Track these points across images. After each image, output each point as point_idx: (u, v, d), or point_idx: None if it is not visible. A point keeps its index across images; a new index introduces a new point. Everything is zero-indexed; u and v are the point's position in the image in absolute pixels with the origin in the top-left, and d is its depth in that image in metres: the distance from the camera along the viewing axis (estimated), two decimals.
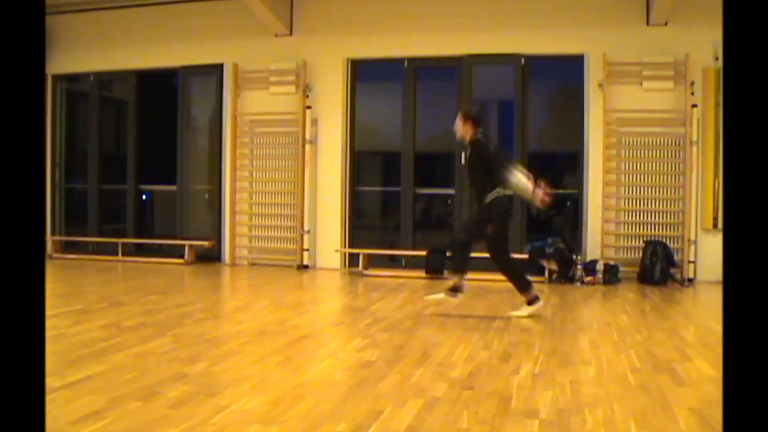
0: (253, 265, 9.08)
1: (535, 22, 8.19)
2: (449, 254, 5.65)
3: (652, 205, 7.94)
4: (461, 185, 8.18)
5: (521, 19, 8.23)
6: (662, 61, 7.80)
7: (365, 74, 9.01)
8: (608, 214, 7.97)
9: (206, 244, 9.15)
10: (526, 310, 5.50)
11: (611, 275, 7.54)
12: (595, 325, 5.51)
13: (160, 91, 10.04)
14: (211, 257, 9.19)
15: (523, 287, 5.55)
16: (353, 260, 8.63)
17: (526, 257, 7.75)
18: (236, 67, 9.07)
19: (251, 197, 9.23)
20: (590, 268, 7.58)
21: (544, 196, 5.29)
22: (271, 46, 8.96)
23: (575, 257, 7.71)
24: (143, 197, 9.96)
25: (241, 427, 2.86)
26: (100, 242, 9.78)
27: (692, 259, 7.68)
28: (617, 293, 7.04)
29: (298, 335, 4.82)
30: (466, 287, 5.45)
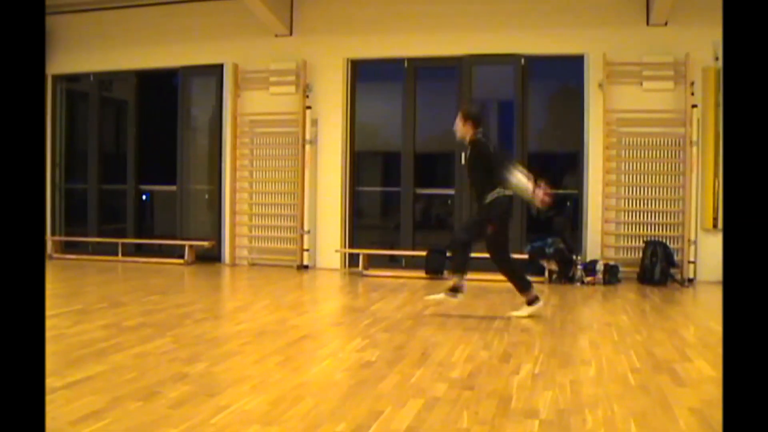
0: (253, 265, 9.08)
1: (535, 22, 8.19)
2: (449, 254, 5.65)
3: (652, 205, 7.94)
4: (461, 185, 8.18)
5: (521, 19, 8.24)
6: (662, 61, 7.80)
7: (365, 74, 9.01)
8: (608, 214, 7.97)
9: (206, 244, 9.15)
10: (526, 310, 5.50)
11: (611, 275, 7.54)
12: (595, 325, 5.51)
13: (160, 91, 10.04)
14: (211, 257, 9.20)
15: (523, 287, 5.55)
16: (353, 260, 8.63)
17: (526, 257, 7.76)
18: (236, 67, 9.08)
19: (251, 197, 9.23)
20: (590, 268, 7.58)
21: (544, 196, 5.29)
22: (271, 46, 8.97)
23: (575, 257, 7.71)
24: (143, 197, 9.96)
25: (241, 427, 2.86)
26: (100, 242, 9.78)
27: (692, 259, 7.68)
28: (617, 293, 7.04)
29: (298, 335, 4.82)
30: (466, 287, 5.45)
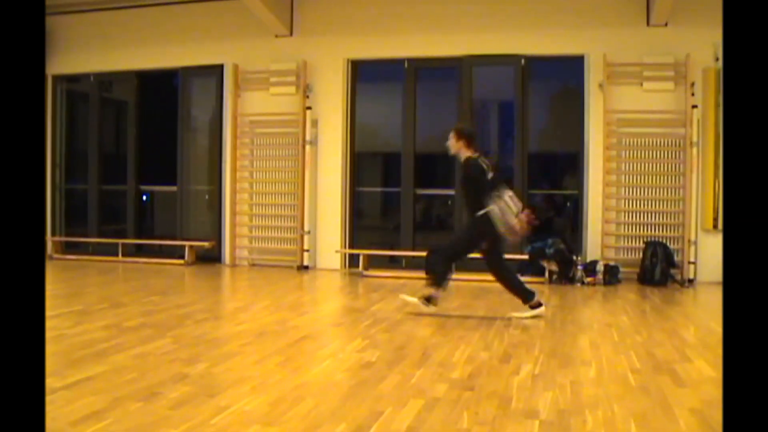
0: (253, 265, 9.08)
1: (535, 22, 8.20)
2: (433, 262, 5.75)
3: (652, 205, 7.93)
4: None
5: (521, 19, 8.24)
6: (662, 61, 7.80)
7: (365, 75, 9.01)
8: (608, 214, 7.97)
9: (206, 244, 9.15)
10: (528, 312, 5.49)
11: (611, 276, 7.54)
12: (595, 325, 5.50)
13: (160, 91, 10.05)
14: (211, 258, 9.20)
15: (525, 299, 5.55)
16: (353, 261, 8.63)
17: (526, 258, 7.77)
18: (236, 67, 9.08)
19: (251, 198, 9.23)
20: (590, 268, 7.58)
21: (527, 223, 5.46)
22: (271, 46, 8.97)
23: (575, 258, 7.71)
24: (143, 198, 9.97)
25: (241, 427, 2.86)
26: (100, 243, 9.78)
27: (692, 259, 7.68)
28: (617, 294, 7.04)
29: (298, 336, 4.82)
30: (439, 300, 5.59)
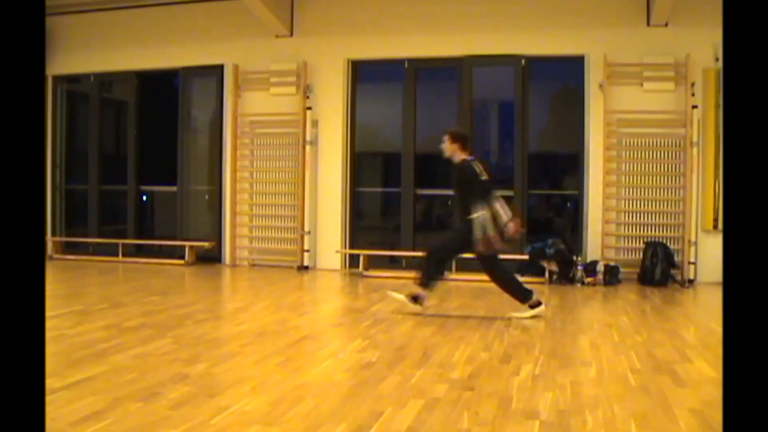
0: (253, 266, 9.08)
1: (535, 23, 8.19)
2: (424, 262, 5.79)
3: (652, 206, 7.93)
4: None
5: (521, 20, 8.24)
6: (663, 62, 7.79)
7: (366, 75, 9.01)
8: (608, 215, 7.97)
9: (207, 245, 9.15)
10: (528, 312, 5.50)
11: (611, 276, 7.54)
12: (595, 326, 5.50)
13: (160, 92, 10.05)
14: (211, 258, 9.20)
15: (523, 298, 5.57)
16: (354, 261, 8.63)
17: (526, 258, 7.77)
18: (237, 68, 9.08)
19: (251, 198, 9.23)
20: (590, 269, 7.58)
21: (515, 232, 5.57)
22: (271, 47, 8.97)
23: (575, 258, 7.71)
24: (143, 198, 9.97)
25: (241, 428, 2.86)
26: (100, 243, 9.78)
27: (692, 260, 7.68)
28: (617, 294, 7.04)
29: (298, 336, 4.82)
30: (427, 300, 5.64)
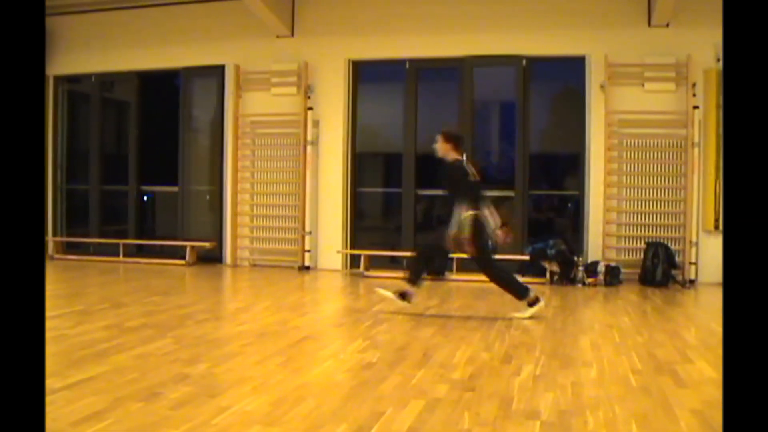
0: (254, 266, 9.08)
1: (536, 23, 8.19)
2: (413, 259, 5.88)
3: (653, 206, 7.93)
4: None
5: (522, 20, 8.24)
6: (664, 62, 7.79)
7: (367, 75, 9.01)
8: (610, 215, 7.96)
9: (207, 245, 9.15)
10: (528, 311, 5.51)
11: (612, 277, 7.54)
12: (596, 326, 5.50)
13: (161, 92, 10.05)
14: (212, 258, 9.20)
15: (520, 295, 5.59)
16: (354, 261, 8.63)
17: (527, 259, 7.77)
18: (238, 68, 9.08)
19: (252, 198, 9.23)
20: (591, 269, 7.58)
21: (503, 241, 5.64)
22: (272, 47, 8.97)
23: (576, 259, 7.70)
24: (145, 198, 9.97)
25: (242, 428, 2.86)
26: (101, 243, 9.79)
27: (693, 260, 7.68)
28: (618, 295, 7.04)
29: (299, 336, 4.82)
30: (414, 298, 5.69)
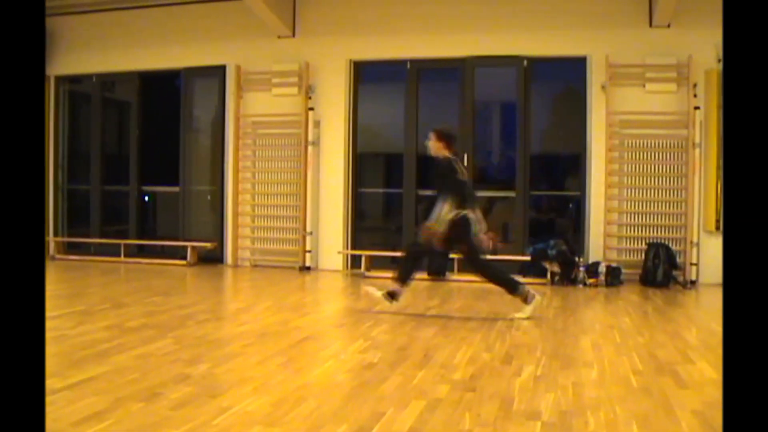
0: (255, 266, 9.09)
1: (537, 23, 8.19)
2: (402, 259, 5.89)
3: (654, 207, 7.93)
4: None
5: (523, 20, 8.23)
6: (665, 63, 7.79)
7: (368, 76, 9.01)
8: (610, 216, 7.96)
9: (208, 245, 9.15)
10: (526, 310, 5.51)
11: (613, 277, 7.53)
12: (597, 327, 5.50)
13: (162, 92, 10.06)
14: (213, 259, 9.20)
15: (513, 289, 5.59)
16: (355, 262, 8.63)
17: (528, 259, 7.76)
18: (239, 68, 9.08)
19: (254, 199, 9.24)
20: (592, 270, 7.57)
21: (487, 247, 5.64)
22: (273, 47, 8.97)
23: (577, 259, 7.70)
24: (146, 198, 9.97)
25: (243, 428, 2.86)
26: (102, 243, 9.79)
27: (695, 261, 7.67)
28: (619, 295, 7.03)
29: (300, 337, 4.82)
30: (402, 297, 5.68)
